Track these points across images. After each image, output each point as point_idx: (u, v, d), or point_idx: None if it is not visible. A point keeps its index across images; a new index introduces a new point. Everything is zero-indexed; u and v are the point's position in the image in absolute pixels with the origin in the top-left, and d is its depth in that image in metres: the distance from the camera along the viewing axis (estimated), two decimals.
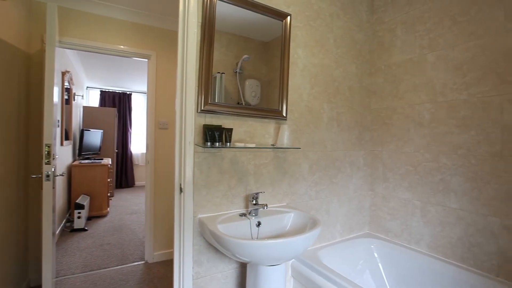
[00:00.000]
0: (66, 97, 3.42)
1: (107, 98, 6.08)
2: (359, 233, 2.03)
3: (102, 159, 4.37)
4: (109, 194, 4.22)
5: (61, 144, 3.21)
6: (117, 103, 6.20)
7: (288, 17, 1.58)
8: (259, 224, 1.36)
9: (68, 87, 3.61)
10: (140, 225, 3.60)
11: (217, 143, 1.29)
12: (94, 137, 4.67)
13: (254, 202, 1.38)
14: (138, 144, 6.54)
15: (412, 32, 1.81)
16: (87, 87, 5.82)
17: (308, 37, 1.72)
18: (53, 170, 1.62)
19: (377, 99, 2.03)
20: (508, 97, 1.37)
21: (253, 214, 1.38)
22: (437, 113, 1.66)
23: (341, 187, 1.90)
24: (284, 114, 1.58)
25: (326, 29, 1.81)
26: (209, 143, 1.29)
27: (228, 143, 1.32)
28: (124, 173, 6.21)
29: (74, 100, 4.09)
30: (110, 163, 4.50)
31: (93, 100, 6.00)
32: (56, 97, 1.79)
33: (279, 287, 1.31)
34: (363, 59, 2.02)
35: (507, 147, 1.37)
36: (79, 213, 3.36)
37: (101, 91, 6.01)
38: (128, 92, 6.31)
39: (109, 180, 4.19)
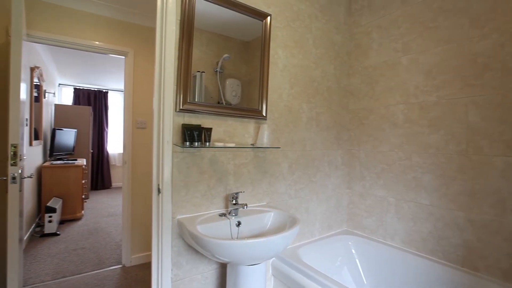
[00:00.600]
0: (35, 94, 3.23)
1: (82, 96, 5.82)
2: (337, 230, 2.09)
3: (76, 160, 4.17)
4: (83, 196, 4.04)
5: (30, 144, 3.03)
6: (93, 101, 5.95)
7: (268, 17, 1.59)
8: (239, 224, 1.36)
9: (38, 83, 3.41)
10: (117, 228, 3.48)
11: (196, 143, 1.28)
12: (67, 136, 4.45)
13: (234, 202, 1.38)
14: (115, 144, 6.31)
15: (387, 35, 1.88)
16: (59, 84, 5.54)
17: (288, 37, 1.74)
18: (20, 172, 1.53)
19: (355, 100, 2.09)
20: (472, 99, 1.46)
21: (233, 214, 1.37)
22: (410, 114, 1.74)
23: (320, 185, 1.94)
24: (264, 114, 1.59)
25: (305, 30, 1.84)
26: (188, 143, 1.27)
27: (207, 143, 1.31)
28: (100, 174, 5.97)
29: (44, 97, 3.88)
30: (85, 163, 4.31)
31: (66, 98, 5.71)
32: (24, 94, 1.69)
33: (259, 286, 1.31)
34: (341, 61, 2.08)
35: (471, 146, 1.46)
36: (50, 216, 3.18)
37: (74, 89, 5.74)
38: (104, 90, 6.07)
39: (83, 181, 4.01)
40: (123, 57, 2.55)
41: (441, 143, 1.59)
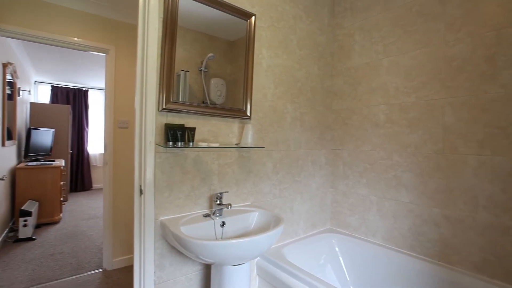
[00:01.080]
0: (8, 92, 3.08)
1: (60, 94, 5.59)
2: (321, 228, 2.12)
3: (53, 161, 4.01)
4: (62, 199, 3.88)
5: (3, 144, 2.88)
6: (72, 100, 5.73)
7: (253, 17, 1.59)
8: (223, 224, 1.35)
9: (11, 80, 3.25)
10: (98, 231, 3.37)
11: (180, 143, 1.26)
12: (44, 136, 4.26)
13: (218, 202, 1.37)
14: (96, 144, 6.11)
15: (368, 38, 1.93)
16: (36, 81, 5.29)
17: (272, 37, 1.75)
18: None
19: (338, 100, 2.13)
20: (447, 100, 1.52)
21: (218, 214, 1.36)
22: (390, 114, 1.79)
23: (304, 185, 1.97)
24: (249, 114, 1.58)
25: (290, 31, 1.85)
26: (171, 143, 1.25)
27: (191, 143, 1.29)
28: (80, 176, 5.77)
29: (19, 95, 3.69)
30: (63, 164, 4.15)
31: (43, 96, 5.47)
32: None
33: (244, 286, 1.31)
34: (324, 61, 2.11)
35: (447, 145, 1.52)
36: (25, 220, 3.03)
37: (52, 87, 5.50)
38: (84, 88, 5.86)
39: (62, 183, 3.86)
40: (104, 54, 2.47)
41: (419, 143, 1.65)
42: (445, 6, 1.54)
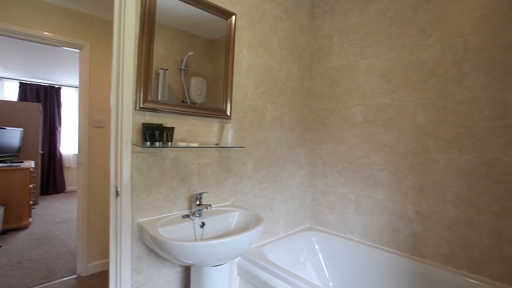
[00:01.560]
0: None
1: (30, 91, 5.27)
2: (301, 227, 2.15)
3: (22, 162, 3.78)
4: (31, 202, 3.67)
5: None
6: (43, 97, 5.42)
7: (233, 17, 1.58)
8: (203, 224, 1.34)
9: None
10: (72, 235, 3.22)
11: (158, 143, 1.23)
12: (11, 136, 4.00)
13: (197, 202, 1.35)
14: (69, 144, 5.82)
15: (347, 40, 1.98)
16: (1, 77, 4.96)
17: (253, 37, 1.75)
18: None
19: (317, 101, 2.18)
20: (420, 102, 1.60)
21: (197, 215, 1.34)
22: (367, 115, 1.86)
23: (284, 184, 1.99)
24: (229, 113, 1.58)
25: (270, 31, 1.87)
26: (148, 143, 1.22)
27: (169, 143, 1.27)
28: (52, 178, 5.48)
29: None
30: (33, 166, 3.92)
31: (10, 93, 5.14)
32: None
33: (224, 286, 1.30)
34: (304, 62, 2.14)
35: (420, 145, 1.60)
36: None
37: (21, 83, 5.18)
38: (56, 86, 5.57)
39: (31, 186, 3.64)
40: (78, 50, 2.36)
41: (394, 142, 1.71)
42: (417, 12, 1.62)
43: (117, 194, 1.21)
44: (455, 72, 1.47)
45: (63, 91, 5.70)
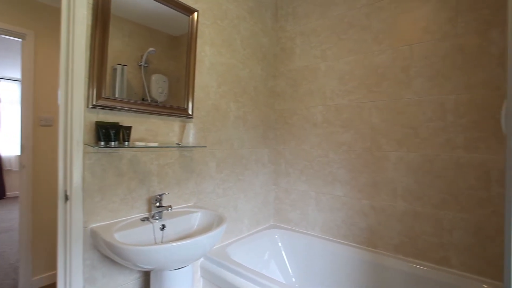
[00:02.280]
0: None
1: None
2: (265, 225, 2.18)
3: None
4: None
5: None
6: None
7: (195, 13, 1.54)
8: (163, 227, 1.29)
9: None
10: (13, 247, 2.88)
11: (113, 143, 1.15)
12: None
13: (157, 204, 1.30)
14: (10, 144, 5.21)
15: (308, 42, 2.05)
16: None
17: (215, 35, 1.73)
18: None
19: (280, 101, 2.22)
20: (374, 103, 1.72)
21: (157, 217, 1.29)
22: (327, 115, 1.94)
23: (248, 183, 2.00)
24: (190, 112, 1.54)
25: (234, 30, 1.86)
26: (102, 143, 1.14)
27: (126, 142, 1.20)
28: None
29: None
30: None
31: None
32: None
33: None
34: (268, 62, 2.17)
35: (374, 144, 1.72)
36: None
37: None
38: None
39: None
40: (20, 40, 2.12)
41: (351, 141, 1.82)
42: (371, 20, 1.73)
43: (66, 198, 1.11)
44: (404, 77, 1.61)
45: (2, 84, 5.07)
